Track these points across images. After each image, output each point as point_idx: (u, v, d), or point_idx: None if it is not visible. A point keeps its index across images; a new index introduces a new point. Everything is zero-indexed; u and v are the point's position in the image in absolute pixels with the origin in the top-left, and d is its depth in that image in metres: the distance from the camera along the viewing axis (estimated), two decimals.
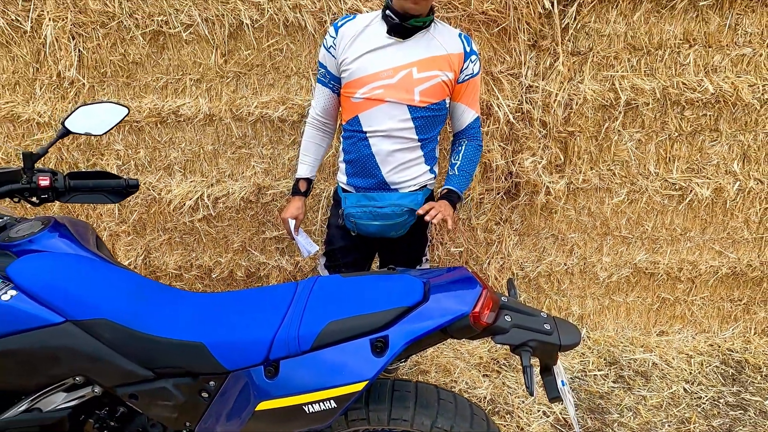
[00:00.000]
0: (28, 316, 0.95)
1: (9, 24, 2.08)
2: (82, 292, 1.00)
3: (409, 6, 1.32)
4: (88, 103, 1.21)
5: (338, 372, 0.86)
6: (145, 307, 1.03)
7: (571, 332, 0.91)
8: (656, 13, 1.82)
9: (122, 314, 1.00)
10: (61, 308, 0.97)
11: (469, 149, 1.50)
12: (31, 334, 0.95)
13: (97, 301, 1.00)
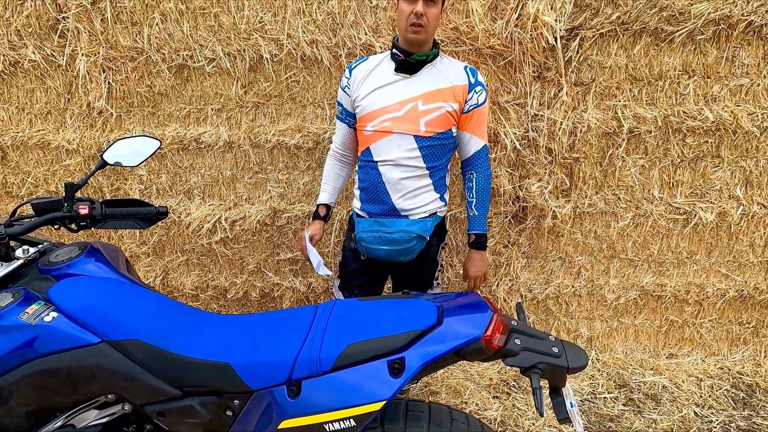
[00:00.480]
0: (68, 336, 1.01)
1: (44, 58, 2.22)
2: (116, 314, 1.07)
3: (410, 36, 1.41)
4: (124, 137, 1.30)
5: (357, 392, 0.91)
6: (174, 328, 1.09)
7: (578, 355, 0.95)
8: (655, 46, 1.90)
9: (153, 335, 1.05)
10: (98, 329, 1.03)
11: (480, 182, 1.56)
12: (70, 354, 1.01)
13: (130, 323, 1.06)
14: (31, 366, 0.98)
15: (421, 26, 1.39)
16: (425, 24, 1.39)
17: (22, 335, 0.98)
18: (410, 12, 1.37)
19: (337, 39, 1.97)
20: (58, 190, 2.50)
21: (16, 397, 0.98)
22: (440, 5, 1.42)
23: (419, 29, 1.39)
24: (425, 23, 1.38)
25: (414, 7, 1.36)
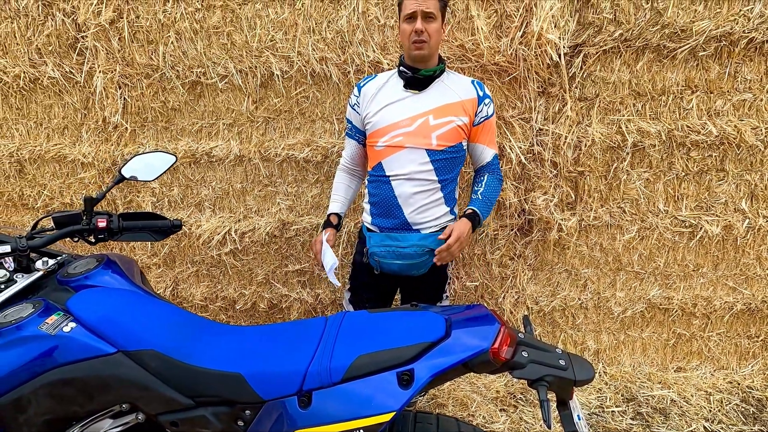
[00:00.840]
0: (86, 346, 1.03)
1: (63, 75, 2.28)
2: (132, 325, 1.09)
3: (414, 53, 1.47)
4: (141, 153, 1.34)
5: (367, 403, 0.92)
6: (187, 338, 1.11)
7: (585, 368, 0.96)
8: (658, 63, 1.93)
9: (167, 345, 1.08)
10: (114, 339, 1.06)
11: (492, 181, 1.58)
12: (87, 363, 1.03)
13: (146, 333, 1.09)
14: (50, 375, 1.01)
15: (424, 41, 1.44)
16: (427, 39, 1.44)
17: (42, 345, 1.00)
18: (411, 30, 1.43)
19: (346, 56, 2.01)
20: (73, 202, 2.55)
21: (34, 406, 1.01)
22: (440, 20, 1.47)
23: (422, 44, 1.45)
24: (427, 38, 1.44)
25: (414, 26, 1.42)
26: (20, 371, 0.98)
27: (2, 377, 0.98)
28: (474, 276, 2.29)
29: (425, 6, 1.41)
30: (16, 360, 0.99)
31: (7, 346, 0.99)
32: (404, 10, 1.46)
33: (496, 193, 1.61)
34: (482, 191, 1.54)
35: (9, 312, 1.04)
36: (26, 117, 2.44)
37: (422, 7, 1.41)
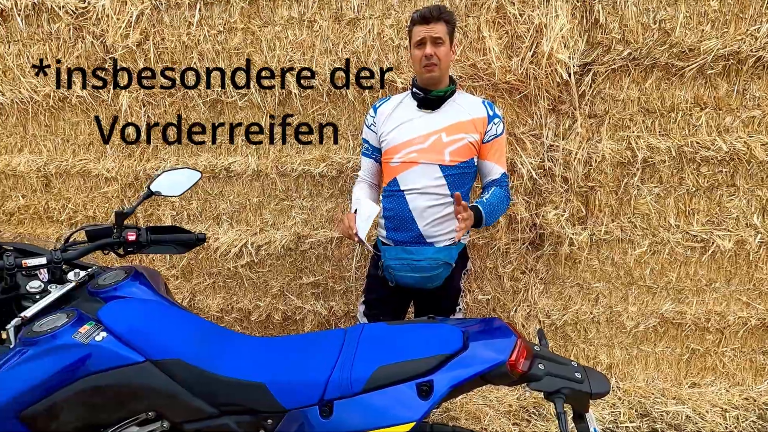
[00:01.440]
0: (116, 355, 1.07)
1: (90, 94, 2.38)
2: (159, 335, 1.13)
3: (426, 76, 1.53)
4: (169, 169, 1.39)
5: (388, 413, 0.94)
6: (212, 348, 1.14)
7: (601, 381, 0.97)
8: (667, 80, 1.95)
9: (193, 355, 1.11)
10: (142, 349, 1.09)
11: (498, 192, 1.58)
12: (117, 372, 1.07)
13: (172, 343, 1.12)
14: (82, 383, 1.04)
15: (434, 65, 1.50)
16: (437, 62, 1.50)
17: (75, 353, 1.04)
18: (421, 55, 1.49)
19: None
20: (96, 215, 2.62)
21: (66, 413, 1.04)
22: (448, 43, 1.51)
23: (432, 67, 1.50)
24: (437, 62, 1.50)
25: (424, 51, 1.48)
26: (54, 378, 1.02)
27: (37, 384, 1.01)
28: (486, 289, 2.30)
29: (434, 32, 1.47)
30: (51, 368, 1.02)
31: (43, 354, 1.03)
32: (414, 36, 1.52)
33: (502, 204, 1.60)
34: (488, 197, 1.55)
35: (44, 321, 1.08)
36: (54, 134, 2.54)
37: (431, 33, 1.47)
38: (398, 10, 1.98)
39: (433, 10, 1.48)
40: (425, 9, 1.49)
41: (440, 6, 1.51)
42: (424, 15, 1.48)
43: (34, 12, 2.30)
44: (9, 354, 1.03)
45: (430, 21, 1.47)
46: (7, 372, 1.01)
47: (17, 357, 1.02)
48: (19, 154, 2.60)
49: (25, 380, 1.00)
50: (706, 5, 1.82)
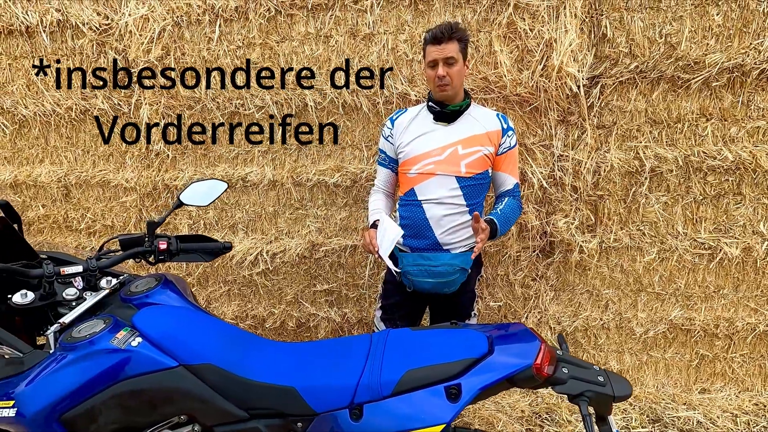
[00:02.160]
0: (151, 360, 1.10)
1: (111, 107, 2.43)
2: (191, 340, 1.15)
3: (440, 95, 1.57)
4: (197, 180, 1.43)
5: (418, 416, 0.96)
6: (242, 353, 1.17)
7: (623, 384, 0.99)
8: (673, 92, 1.99)
9: (224, 360, 1.13)
10: (176, 354, 1.12)
11: (511, 203, 1.63)
12: (152, 376, 1.09)
13: (204, 348, 1.14)
14: (119, 387, 1.07)
15: (447, 84, 1.54)
16: (449, 82, 1.54)
17: (113, 358, 1.07)
18: (434, 76, 1.53)
19: (375, 88, 2.12)
20: (114, 224, 2.66)
21: (104, 416, 1.06)
22: (461, 61, 1.54)
23: (446, 87, 1.55)
24: (449, 81, 1.54)
25: (436, 71, 1.52)
26: (93, 382, 1.05)
27: (77, 388, 1.04)
28: (497, 296, 2.32)
29: (446, 52, 1.50)
30: (90, 372, 1.05)
31: (82, 359, 1.06)
32: (427, 56, 1.54)
33: (515, 214, 1.65)
34: (501, 208, 1.59)
35: (82, 327, 1.11)
36: (75, 145, 2.58)
37: (443, 55, 1.50)
38: (411, 25, 2.03)
39: (445, 30, 1.49)
40: (437, 29, 1.51)
41: (452, 25, 1.52)
42: (436, 36, 1.50)
43: (59, 28, 2.36)
44: (50, 359, 1.06)
45: (441, 41, 1.49)
46: (49, 376, 1.03)
47: (58, 362, 1.05)
48: (40, 165, 2.65)
49: (66, 384, 1.03)
50: (710, 20, 1.87)
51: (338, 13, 2.06)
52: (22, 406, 1.00)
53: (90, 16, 2.29)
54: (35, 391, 1.02)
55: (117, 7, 2.29)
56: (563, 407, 2.18)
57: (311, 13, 2.09)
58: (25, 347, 1.08)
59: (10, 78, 2.49)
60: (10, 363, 1.07)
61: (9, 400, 1.01)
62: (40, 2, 2.36)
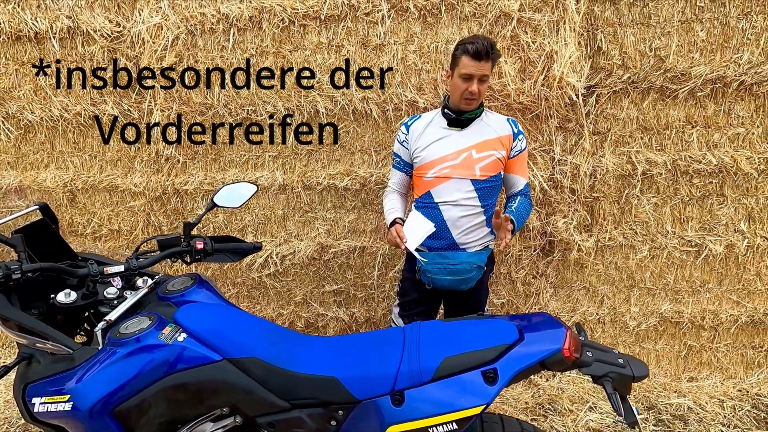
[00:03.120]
0: (197, 354, 1.13)
1: (121, 113, 2.43)
2: (234, 335, 1.19)
3: (464, 107, 1.64)
4: (229, 183, 1.46)
5: (459, 398, 1.02)
6: (283, 347, 1.21)
7: (640, 366, 1.08)
8: (661, 102, 2.13)
9: (267, 353, 1.17)
10: (220, 348, 1.15)
11: (523, 202, 1.72)
12: (198, 370, 1.12)
13: (247, 342, 1.18)
14: (167, 381, 1.10)
15: (475, 99, 1.60)
16: (477, 97, 1.59)
17: (161, 353, 1.10)
18: (465, 89, 1.56)
19: (386, 96, 2.19)
20: (121, 228, 2.64)
21: (153, 409, 1.09)
22: (489, 79, 1.61)
23: (472, 102, 1.61)
24: (477, 96, 1.59)
25: (469, 86, 1.55)
26: (144, 376, 1.07)
27: (128, 382, 1.06)
28: (501, 293, 2.40)
29: (483, 70, 1.52)
30: (140, 366, 1.08)
31: (132, 354, 1.08)
32: (461, 67, 1.54)
33: (527, 212, 1.74)
34: (516, 206, 1.67)
35: (129, 324, 1.13)
36: (82, 150, 2.57)
37: (480, 72, 1.52)
38: (420, 36, 2.12)
39: (487, 47, 1.49)
40: (479, 44, 1.49)
41: (491, 43, 1.52)
42: (478, 51, 1.48)
43: (69, 35, 2.36)
44: (100, 354, 1.08)
45: (482, 58, 1.49)
46: (102, 371, 1.06)
47: (109, 357, 1.08)
48: (45, 170, 2.62)
49: (118, 378, 1.05)
50: (695, 36, 2.01)
51: (350, 23, 2.13)
52: (78, 401, 1.02)
53: (102, 24, 2.30)
54: (89, 385, 1.04)
55: (129, 14, 2.31)
56: (564, 398, 2.27)
57: (324, 24, 2.15)
58: (74, 344, 1.09)
59: (17, 83, 2.46)
60: (60, 359, 1.09)
61: (64, 395, 1.03)
62: (49, 9, 2.35)
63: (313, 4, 2.11)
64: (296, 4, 2.12)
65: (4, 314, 1.08)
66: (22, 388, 1.09)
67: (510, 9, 1.99)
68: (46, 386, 1.06)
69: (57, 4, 2.33)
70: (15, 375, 1.15)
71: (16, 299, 1.13)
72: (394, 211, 1.75)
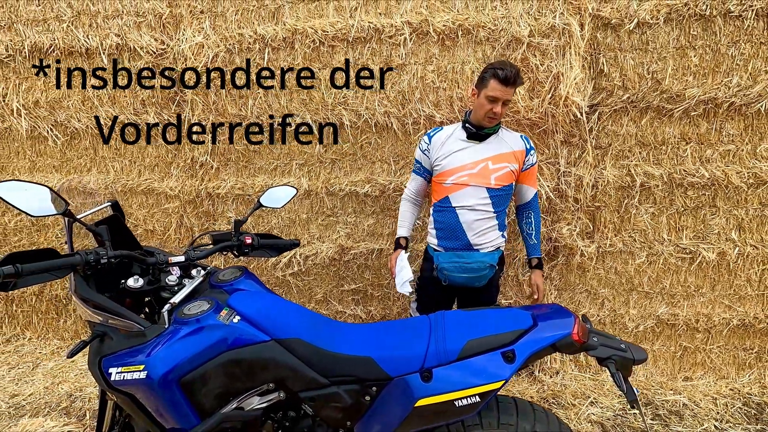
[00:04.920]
0: (249, 334, 1.25)
1: (162, 122, 2.58)
2: (281, 318, 1.32)
3: (485, 124, 1.78)
4: (273, 186, 1.60)
5: (481, 375, 1.14)
6: (323, 330, 1.33)
7: (640, 351, 1.20)
8: (658, 120, 2.27)
9: (310, 335, 1.30)
10: (268, 329, 1.28)
11: (536, 219, 1.88)
12: (250, 348, 1.25)
13: (292, 325, 1.31)
14: (225, 356, 1.22)
15: (497, 119, 1.75)
16: (499, 118, 1.74)
17: (220, 332, 1.22)
18: (490, 109, 1.70)
19: (405, 111, 2.34)
20: (155, 228, 2.78)
21: (213, 381, 1.21)
22: (510, 102, 1.75)
23: (494, 120, 1.76)
24: (499, 117, 1.74)
25: (493, 107, 1.69)
26: (206, 352, 1.20)
27: (193, 356, 1.19)
28: (508, 295, 2.52)
29: (508, 95, 1.66)
30: (203, 343, 1.20)
31: (195, 332, 1.21)
32: (489, 89, 1.66)
33: (540, 224, 1.94)
34: (535, 233, 1.86)
35: (191, 306, 1.26)
36: (122, 156, 2.72)
37: (506, 96, 1.66)
38: (438, 58, 2.27)
39: (515, 74, 1.61)
40: (509, 71, 1.61)
41: (518, 71, 1.64)
42: (508, 78, 1.61)
43: (117, 51, 2.53)
44: (167, 332, 1.21)
45: (509, 84, 1.62)
46: (171, 346, 1.18)
47: (175, 334, 1.20)
48: (87, 173, 2.77)
49: (184, 352, 1.18)
50: (689, 61, 2.16)
51: (374, 45, 2.29)
52: (151, 370, 1.15)
53: (148, 42, 2.47)
54: (160, 357, 1.16)
55: (173, 33, 2.48)
56: (567, 393, 2.38)
57: (350, 45, 2.31)
58: (145, 322, 1.22)
59: (66, 94, 2.63)
60: (132, 336, 1.21)
61: (139, 365, 1.15)
62: (100, 27, 2.53)
63: (341, 27, 2.27)
64: (326, 27, 2.28)
65: (86, 296, 1.21)
66: (98, 361, 1.22)
67: (521, 34, 2.15)
68: (123, 358, 1.18)
69: (108, 23, 2.51)
70: (89, 350, 1.28)
71: (93, 284, 1.26)
72: (402, 228, 1.95)
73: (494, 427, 1.29)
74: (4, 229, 2.87)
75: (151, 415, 1.23)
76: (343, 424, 1.29)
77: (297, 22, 2.33)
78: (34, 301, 2.96)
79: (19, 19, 2.57)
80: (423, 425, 1.19)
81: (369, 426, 1.26)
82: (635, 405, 1.17)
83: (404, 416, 1.20)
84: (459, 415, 1.16)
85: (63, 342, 2.96)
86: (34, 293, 2.96)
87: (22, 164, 2.78)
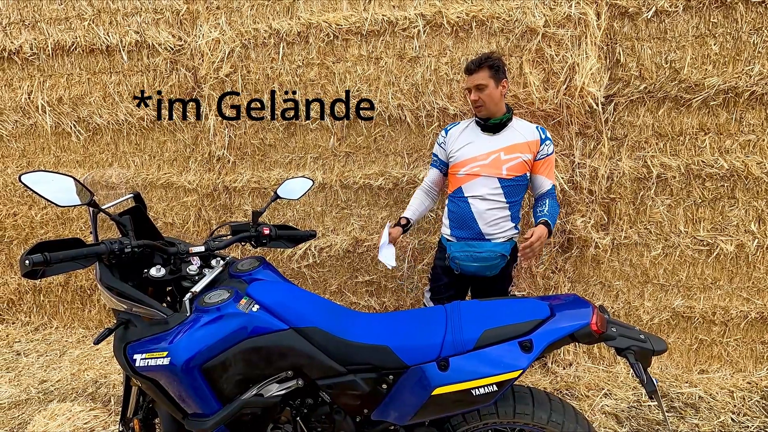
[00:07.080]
0: (268, 322, 1.25)
1: (178, 117, 2.60)
2: (298, 307, 1.31)
3: (477, 114, 1.81)
4: (290, 178, 1.60)
5: (498, 364, 1.12)
6: (341, 319, 1.33)
7: (659, 342, 1.16)
8: (676, 110, 2.20)
9: (327, 324, 1.29)
10: (286, 318, 1.28)
11: (552, 205, 1.81)
12: (268, 336, 1.25)
13: (309, 314, 1.30)
14: (245, 344, 1.22)
15: (480, 106, 1.76)
16: (482, 103, 1.75)
17: (240, 320, 1.23)
18: (471, 99, 1.77)
19: (419, 104, 2.31)
20: (174, 221, 2.81)
21: (233, 368, 1.22)
22: (492, 84, 1.73)
23: (480, 108, 1.77)
24: (482, 103, 1.75)
25: (470, 96, 1.77)
26: (226, 339, 1.20)
27: (214, 343, 1.19)
28: (521, 287, 2.49)
29: (476, 81, 1.73)
30: (223, 330, 1.21)
31: (216, 320, 1.22)
32: (465, 84, 1.79)
33: (556, 211, 1.84)
34: (547, 209, 1.78)
35: (212, 295, 1.27)
36: (142, 151, 2.75)
37: (473, 83, 1.74)
38: (452, 50, 2.23)
39: (474, 62, 1.74)
40: (469, 62, 1.76)
41: (481, 56, 1.74)
42: (468, 67, 1.75)
43: (136, 48, 2.55)
44: (189, 319, 1.22)
45: (472, 72, 1.74)
46: (193, 333, 1.19)
47: (197, 322, 1.21)
48: (109, 168, 2.81)
49: (206, 339, 1.19)
50: (708, 49, 2.09)
51: (388, 38, 2.26)
52: (174, 357, 1.16)
53: (166, 38, 2.48)
54: (183, 344, 1.17)
55: (190, 29, 2.49)
56: (581, 385, 2.34)
57: (364, 39, 2.29)
58: (167, 310, 1.23)
59: (89, 91, 2.66)
60: (156, 323, 1.22)
61: (163, 351, 1.16)
62: (120, 25, 2.55)
63: (355, 20, 2.25)
64: (340, 20, 2.26)
65: (111, 284, 1.22)
66: (123, 347, 1.23)
67: (536, 25, 2.10)
68: (147, 345, 1.19)
69: (127, 21, 2.53)
70: (114, 337, 1.29)
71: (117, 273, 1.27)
72: (409, 209, 1.94)
73: (510, 416, 1.28)
74: (31, 222, 2.93)
75: (174, 400, 1.24)
76: (360, 411, 1.29)
77: (311, 16, 2.31)
78: (61, 291, 3.03)
79: (43, 17, 2.61)
80: (439, 413, 1.18)
81: (386, 413, 1.25)
82: (654, 396, 1.14)
83: (421, 404, 1.19)
84: (475, 404, 1.15)
85: (88, 331, 3.03)
86: (60, 284, 3.03)
87: (47, 160, 2.83)
